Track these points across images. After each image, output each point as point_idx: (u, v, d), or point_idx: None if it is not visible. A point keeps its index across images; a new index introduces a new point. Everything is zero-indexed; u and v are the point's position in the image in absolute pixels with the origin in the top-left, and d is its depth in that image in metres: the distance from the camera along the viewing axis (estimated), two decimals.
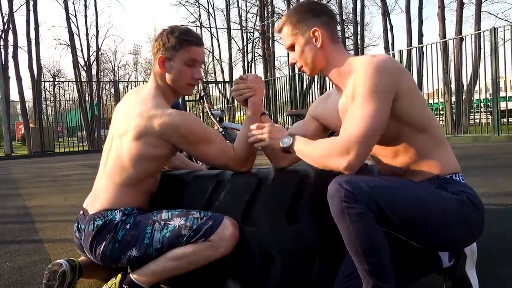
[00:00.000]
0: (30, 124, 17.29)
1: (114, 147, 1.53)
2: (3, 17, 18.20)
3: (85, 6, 21.48)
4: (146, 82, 1.67)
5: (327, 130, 1.59)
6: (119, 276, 1.47)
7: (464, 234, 1.26)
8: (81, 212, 1.57)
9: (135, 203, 1.52)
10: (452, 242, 1.27)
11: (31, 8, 18.04)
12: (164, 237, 1.41)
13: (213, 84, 18.73)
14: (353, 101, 1.26)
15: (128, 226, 1.44)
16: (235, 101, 17.67)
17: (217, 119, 3.28)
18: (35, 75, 18.13)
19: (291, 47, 1.43)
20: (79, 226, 1.53)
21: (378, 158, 1.42)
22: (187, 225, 1.41)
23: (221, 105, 19.00)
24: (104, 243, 1.43)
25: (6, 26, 17.97)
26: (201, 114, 5.13)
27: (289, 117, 12.24)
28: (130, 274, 1.46)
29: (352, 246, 1.17)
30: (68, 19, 19.89)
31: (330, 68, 1.40)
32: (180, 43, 1.52)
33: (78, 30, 22.22)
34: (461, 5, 14.10)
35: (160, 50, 1.53)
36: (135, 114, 1.48)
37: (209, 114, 3.26)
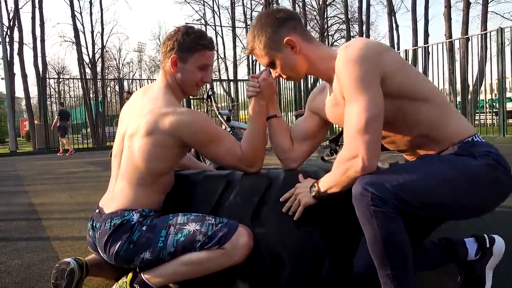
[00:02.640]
0: (34, 121, 17.33)
1: (126, 148, 1.53)
2: (8, 14, 18.27)
3: (90, 3, 21.42)
4: (151, 79, 1.68)
5: (328, 123, 1.58)
6: (130, 275, 1.48)
7: (496, 197, 1.26)
8: (97, 211, 1.56)
9: (152, 203, 1.52)
10: (485, 208, 1.27)
11: (37, 4, 18.09)
12: (178, 241, 1.41)
13: (218, 83, 18.72)
14: (343, 98, 1.26)
15: (144, 228, 1.44)
16: (239, 100, 17.69)
17: (225, 118, 3.29)
18: (40, 72, 18.18)
19: (270, 64, 1.41)
20: (94, 225, 1.53)
21: (396, 143, 1.39)
22: (202, 231, 1.41)
23: (225, 103, 18.99)
24: (119, 242, 1.43)
25: (11, 23, 18.04)
26: (206, 113, 5.13)
27: (296, 117, 12.21)
28: (142, 274, 1.46)
29: (378, 250, 1.15)
30: (73, 16, 19.94)
31: (314, 67, 1.39)
32: (195, 46, 1.52)
33: (83, 28, 22.21)
34: (467, 5, 14.05)
35: (174, 50, 1.52)
36: (145, 112, 1.48)
37: (217, 113, 3.26)
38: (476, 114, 11.47)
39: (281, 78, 1.50)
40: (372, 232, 1.14)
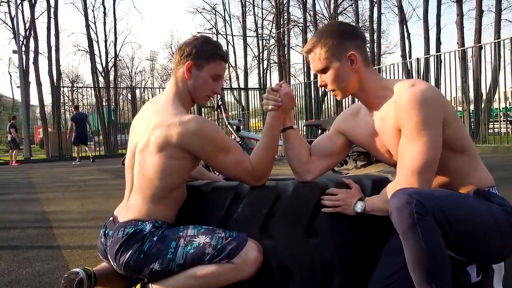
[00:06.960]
0: (48, 129, 17.62)
1: (137, 163, 1.52)
2: (25, 24, 18.67)
3: (104, 13, 21.71)
4: (163, 88, 1.69)
5: (352, 144, 1.57)
6: (138, 286, 1.48)
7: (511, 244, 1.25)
8: (111, 218, 1.57)
9: (165, 217, 1.51)
10: (501, 253, 1.27)
11: (52, 15, 18.45)
12: (187, 254, 1.40)
13: (228, 91, 18.82)
14: (395, 131, 1.29)
15: (155, 239, 1.44)
16: (250, 108, 17.73)
17: (234, 129, 3.28)
18: (55, 81, 18.49)
19: (323, 70, 1.39)
20: (107, 232, 1.53)
21: None
22: (211, 244, 1.40)
23: (235, 111, 19.07)
24: (130, 251, 1.43)
25: (27, 33, 18.42)
26: (216, 122, 5.14)
27: (306, 127, 12.17)
28: (150, 285, 1.46)
29: (421, 264, 1.09)
30: (87, 26, 20.22)
31: (363, 92, 1.39)
32: (213, 55, 1.53)
33: (97, 37, 22.45)
34: (480, 13, 13.93)
35: (191, 56, 1.53)
36: (153, 126, 1.47)
37: (226, 123, 3.26)
38: (490, 123, 11.30)
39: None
40: (416, 242, 1.09)
